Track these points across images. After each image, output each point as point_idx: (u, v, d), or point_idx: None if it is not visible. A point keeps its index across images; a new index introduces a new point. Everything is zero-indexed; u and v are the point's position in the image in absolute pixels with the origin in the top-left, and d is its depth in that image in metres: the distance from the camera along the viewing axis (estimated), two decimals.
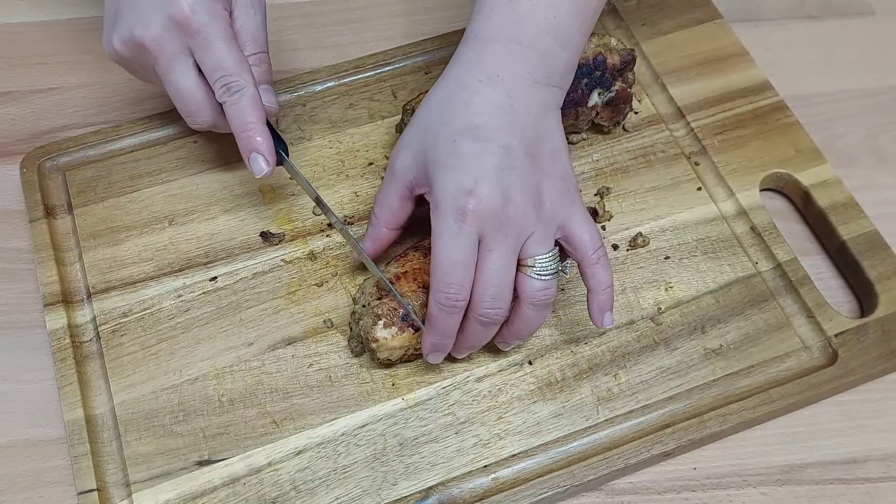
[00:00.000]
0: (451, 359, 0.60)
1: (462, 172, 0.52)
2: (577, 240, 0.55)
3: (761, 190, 0.69)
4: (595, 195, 0.68)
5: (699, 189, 0.69)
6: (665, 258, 0.65)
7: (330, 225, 0.66)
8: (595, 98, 0.67)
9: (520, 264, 0.54)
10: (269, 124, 0.61)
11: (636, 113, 0.72)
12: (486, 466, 0.57)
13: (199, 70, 0.59)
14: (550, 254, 0.54)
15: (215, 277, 0.64)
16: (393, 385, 0.60)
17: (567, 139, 0.70)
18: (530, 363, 0.61)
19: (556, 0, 0.54)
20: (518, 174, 0.53)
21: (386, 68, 0.75)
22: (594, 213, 0.67)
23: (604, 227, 0.67)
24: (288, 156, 0.63)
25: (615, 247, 0.66)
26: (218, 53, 0.58)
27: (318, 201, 0.62)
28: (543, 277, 0.54)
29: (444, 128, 0.53)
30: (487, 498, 0.55)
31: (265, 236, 0.66)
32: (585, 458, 0.57)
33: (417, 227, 0.59)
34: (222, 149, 0.69)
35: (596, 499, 0.57)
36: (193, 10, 0.57)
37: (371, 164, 0.70)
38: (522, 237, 0.53)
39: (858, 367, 0.60)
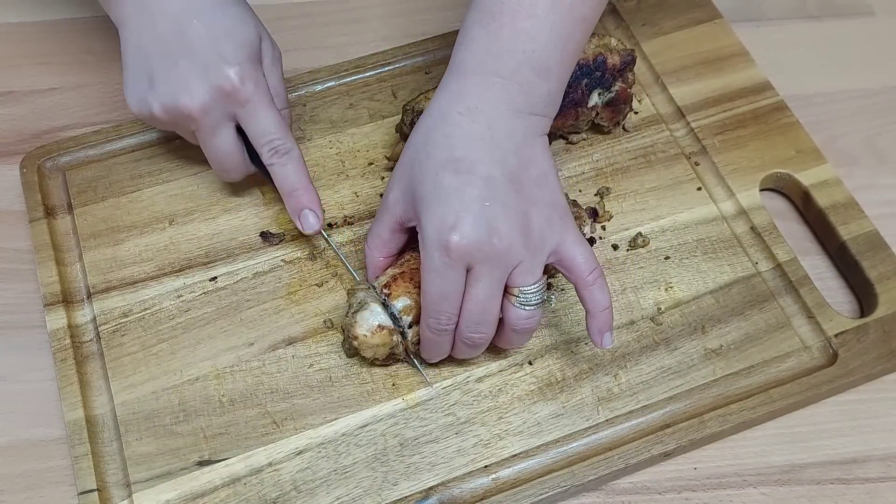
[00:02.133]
0: (451, 358, 0.60)
1: (445, 207, 0.52)
2: (570, 263, 0.55)
3: (761, 190, 0.69)
4: (595, 195, 0.68)
5: (699, 189, 0.69)
6: (665, 258, 0.65)
7: (330, 225, 0.66)
8: (595, 98, 0.67)
9: (507, 291, 0.54)
10: None
11: (636, 113, 0.72)
12: (486, 466, 0.57)
13: (237, 130, 0.62)
14: (536, 285, 0.54)
15: (215, 277, 0.64)
16: (393, 385, 0.60)
17: (567, 139, 0.71)
18: (530, 363, 0.61)
19: (535, 33, 0.54)
20: (502, 204, 0.53)
21: (386, 68, 0.75)
22: (594, 213, 0.67)
23: (604, 227, 0.67)
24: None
25: (615, 247, 0.66)
26: (264, 120, 0.60)
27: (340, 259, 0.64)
28: (527, 308, 0.54)
29: (427, 161, 0.54)
30: (488, 498, 0.55)
31: (265, 236, 0.66)
32: (586, 458, 0.57)
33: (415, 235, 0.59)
34: None
35: (596, 499, 0.57)
36: (242, 81, 0.59)
37: (371, 164, 0.70)
38: (509, 266, 0.53)
39: (858, 368, 0.60)
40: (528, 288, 0.54)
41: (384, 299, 0.58)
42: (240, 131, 0.62)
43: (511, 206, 0.53)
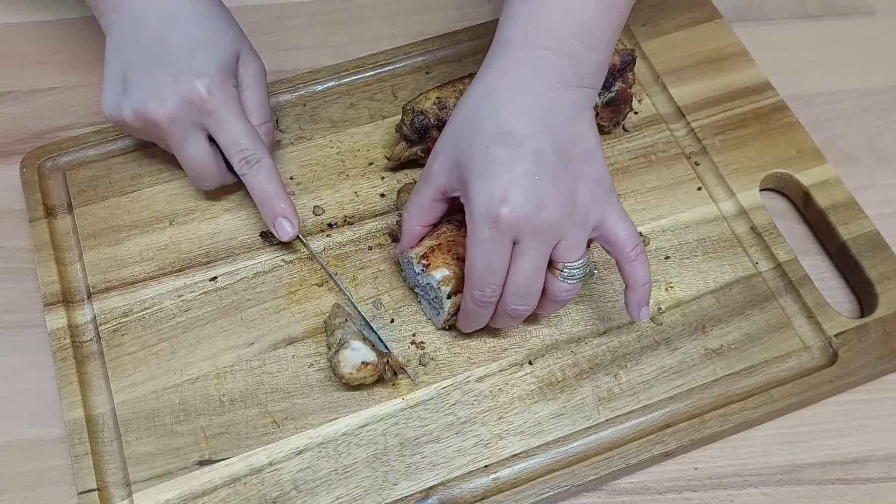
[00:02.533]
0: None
1: (495, 181, 0.53)
2: (613, 238, 0.55)
3: (761, 190, 0.69)
4: None
5: (699, 189, 0.69)
6: (665, 258, 0.65)
7: (330, 225, 0.66)
8: (595, 98, 0.67)
9: (552, 265, 0.55)
10: None
11: (636, 113, 0.72)
12: (486, 466, 0.57)
13: (209, 139, 0.62)
14: (581, 260, 0.55)
15: (216, 277, 0.64)
16: (393, 385, 0.60)
17: None
18: (531, 363, 0.61)
19: (580, 4, 0.54)
20: (550, 179, 0.53)
21: (386, 68, 0.75)
22: None
23: None
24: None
25: None
26: (234, 130, 0.61)
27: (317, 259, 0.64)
28: (570, 281, 0.55)
29: (476, 134, 0.54)
30: (488, 498, 0.55)
31: (266, 236, 0.66)
32: (586, 458, 0.57)
33: (453, 206, 0.59)
34: None
35: (597, 499, 0.57)
36: (210, 92, 0.60)
37: (371, 163, 0.70)
38: (555, 240, 0.54)
39: (859, 368, 0.60)
40: (573, 263, 0.55)
41: (422, 269, 0.58)
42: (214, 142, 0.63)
43: (559, 181, 0.53)
